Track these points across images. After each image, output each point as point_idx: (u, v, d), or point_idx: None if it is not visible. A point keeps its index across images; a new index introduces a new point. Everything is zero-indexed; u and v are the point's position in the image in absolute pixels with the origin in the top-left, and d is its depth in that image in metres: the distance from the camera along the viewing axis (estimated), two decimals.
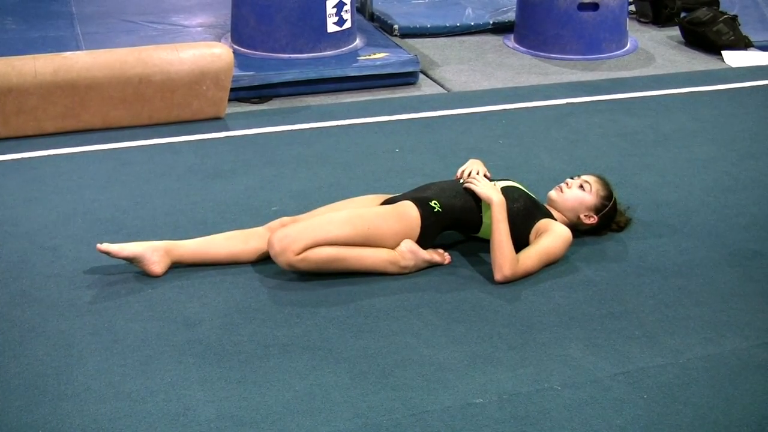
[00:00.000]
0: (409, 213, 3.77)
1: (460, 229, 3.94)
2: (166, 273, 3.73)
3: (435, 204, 3.80)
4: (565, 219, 3.98)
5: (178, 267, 3.76)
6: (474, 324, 3.46)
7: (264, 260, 3.80)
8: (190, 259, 3.79)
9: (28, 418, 2.92)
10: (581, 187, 3.98)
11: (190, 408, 2.98)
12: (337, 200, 4.02)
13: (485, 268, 3.81)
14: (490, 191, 3.79)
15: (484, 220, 3.84)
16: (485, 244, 3.85)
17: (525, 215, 3.85)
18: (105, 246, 3.66)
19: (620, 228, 4.12)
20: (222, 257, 3.80)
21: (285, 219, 3.89)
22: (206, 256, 3.80)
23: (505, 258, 3.69)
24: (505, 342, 3.35)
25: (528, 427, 2.93)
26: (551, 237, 3.81)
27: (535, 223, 3.86)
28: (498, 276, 3.70)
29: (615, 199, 4.04)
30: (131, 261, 3.70)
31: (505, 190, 3.86)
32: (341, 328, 3.41)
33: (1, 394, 3.02)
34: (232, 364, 3.19)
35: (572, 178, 4.04)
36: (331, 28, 6.29)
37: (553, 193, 4.02)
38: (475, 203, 3.84)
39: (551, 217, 3.93)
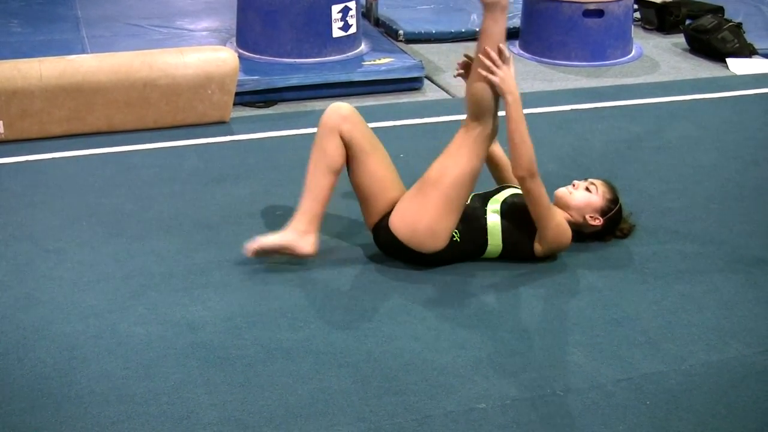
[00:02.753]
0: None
1: (465, 259, 3.91)
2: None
3: (455, 233, 3.80)
4: (570, 218, 3.96)
5: (182, 271, 3.79)
6: (477, 329, 3.46)
7: (260, 263, 3.83)
8: (319, 210, 3.82)
9: (31, 420, 2.92)
10: (588, 189, 3.97)
11: (193, 411, 2.98)
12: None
13: (489, 274, 3.81)
14: (511, 84, 3.70)
15: (489, 241, 3.84)
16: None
17: (526, 226, 3.83)
18: (255, 244, 3.77)
19: (624, 234, 4.11)
20: (331, 182, 3.85)
21: (343, 113, 3.92)
22: (321, 196, 3.82)
23: (523, 155, 3.64)
24: (508, 347, 3.36)
25: None
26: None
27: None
28: (518, 172, 3.65)
29: (620, 204, 4.04)
30: (280, 252, 3.80)
31: (507, 201, 3.86)
32: (345, 333, 3.42)
33: (4, 397, 3.03)
34: (235, 368, 3.20)
35: (579, 180, 4.04)
36: (336, 33, 6.30)
37: (561, 192, 4.00)
38: (482, 222, 3.83)
39: None
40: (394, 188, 3.91)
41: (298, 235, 3.77)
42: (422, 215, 3.71)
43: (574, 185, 4.01)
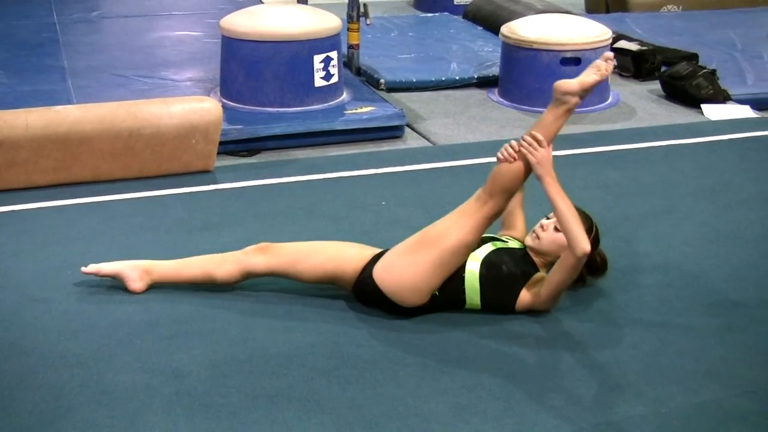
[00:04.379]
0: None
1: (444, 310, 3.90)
2: (147, 290, 3.94)
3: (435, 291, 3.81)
4: (546, 262, 3.92)
5: (167, 319, 3.77)
6: (459, 374, 3.46)
7: (245, 310, 3.82)
8: (168, 277, 3.98)
9: None
10: (556, 228, 3.90)
11: None
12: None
13: (470, 320, 3.82)
14: (548, 167, 3.77)
15: (467, 297, 3.83)
16: None
17: (507, 285, 3.83)
18: (88, 268, 3.94)
19: (599, 267, 4.05)
20: (198, 276, 3.96)
21: (263, 244, 3.96)
22: (182, 276, 3.98)
23: (579, 238, 3.63)
24: (490, 392, 3.36)
25: None
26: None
27: (521, 289, 3.84)
28: (577, 253, 3.62)
29: (596, 228, 3.95)
30: (113, 278, 3.93)
31: (489, 257, 3.83)
32: (328, 380, 3.41)
33: None
34: (220, 416, 3.19)
35: (547, 218, 3.97)
36: (319, 82, 6.34)
37: (529, 240, 3.96)
38: (460, 279, 3.81)
39: (536, 269, 3.92)
40: (350, 259, 3.90)
41: (139, 275, 3.94)
42: (411, 272, 3.72)
43: (542, 226, 3.95)
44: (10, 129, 5.01)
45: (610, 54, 3.94)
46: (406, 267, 3.73)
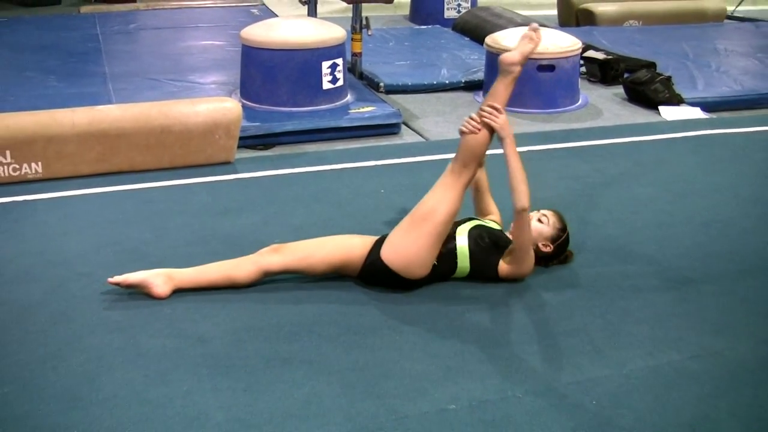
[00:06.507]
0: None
1: (438, 280, 3.89)
2: (170, 296, 3.70)
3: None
4: None
5: (194, 293, 3.75)
6: (448, 340, 3.46)
7: (262, 285, 3.81)
8: (190, 283, 3.75)
9: (64, 420, 2.91)
10: (540, 220, 3.96)
11: (203, 413, 2.97)
12: (330, 234, 4.00)
13: (457, 293, 3.81)
14: (508, 130, 3.82)
15: (459, 263, 3.83)
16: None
17: (490, 251, 3.85)
18: (114, 279, 3.69)
19: (563, 261, 4.09)
20: (218, 280, 3.77)
21: (275, 245, 3.85)
22: (203, 280, 3.76)
23: (524, 191, 3.68)
24: (475, 356, 3.35)
25: (494, 430, 2.94)
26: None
27: (501, 256, 3.86)
28: (521, 205, 3.66)
29: (568, 231, 4.03)
30: (138, 287, 3.70)
31: (473, 230, 3.87)
32: (334, 344, 3.41)
33: (41, 400, 3.01)
34: (239, 375, 3.19)
35: (533, 212, 4.00)
36: (326, 85, 6.32)
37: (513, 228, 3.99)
38: (453, 249, 3.81)
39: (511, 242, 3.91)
40: (355, 247, 3.85)
41: (163, 281, 3.69)
42: (414, 247, 3.71)
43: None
44: (59, 126, 5.00)
45: (536, 24, 3.98)
46: (410, 245, 3.71)
